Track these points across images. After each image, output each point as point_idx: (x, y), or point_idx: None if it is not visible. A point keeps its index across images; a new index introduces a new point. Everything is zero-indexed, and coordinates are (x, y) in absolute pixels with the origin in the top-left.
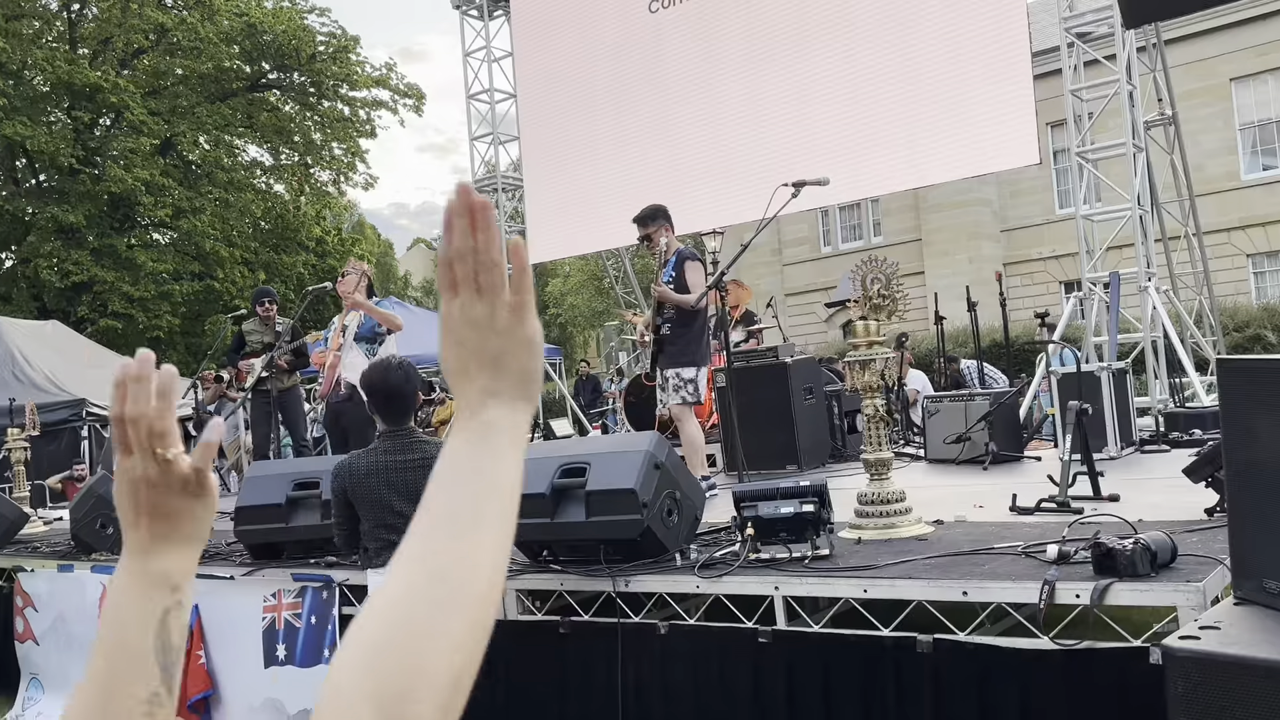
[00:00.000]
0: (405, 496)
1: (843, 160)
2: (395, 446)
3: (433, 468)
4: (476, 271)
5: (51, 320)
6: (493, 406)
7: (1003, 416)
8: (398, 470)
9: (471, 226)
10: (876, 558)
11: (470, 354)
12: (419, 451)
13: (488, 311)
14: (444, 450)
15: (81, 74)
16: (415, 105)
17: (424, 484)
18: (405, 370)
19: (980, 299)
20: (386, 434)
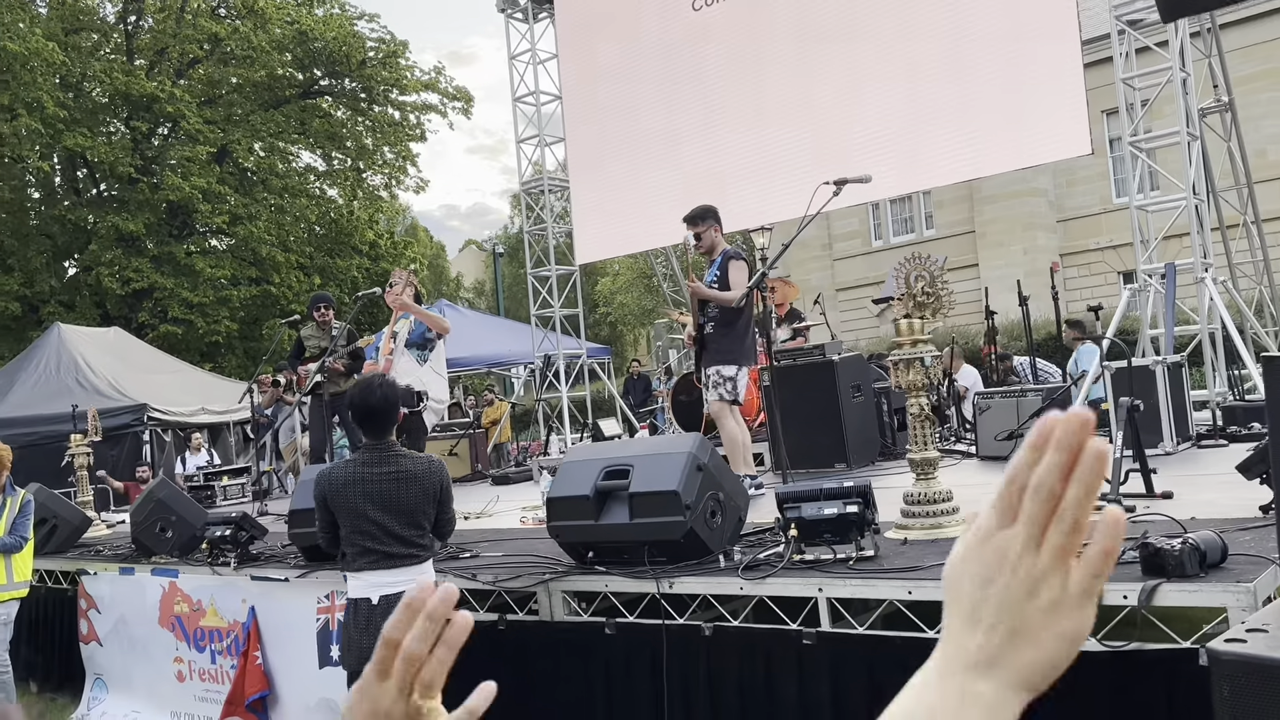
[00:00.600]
0: (380, 506)
1: (893, 153)
2: (373, 460)
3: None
4: (1049, 523)
5: (113, 327)
6: (984, 679)
7: None
8: (374, 482)
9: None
10: (922, 558)
11: (992, 604)
12: (395, 465)
13: (1039, 573)
14: (910, 696)
15: (139, 85)
16: (464, 108)
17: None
18: (386, 389)
19: (1035, 291)
20: (367, 447)
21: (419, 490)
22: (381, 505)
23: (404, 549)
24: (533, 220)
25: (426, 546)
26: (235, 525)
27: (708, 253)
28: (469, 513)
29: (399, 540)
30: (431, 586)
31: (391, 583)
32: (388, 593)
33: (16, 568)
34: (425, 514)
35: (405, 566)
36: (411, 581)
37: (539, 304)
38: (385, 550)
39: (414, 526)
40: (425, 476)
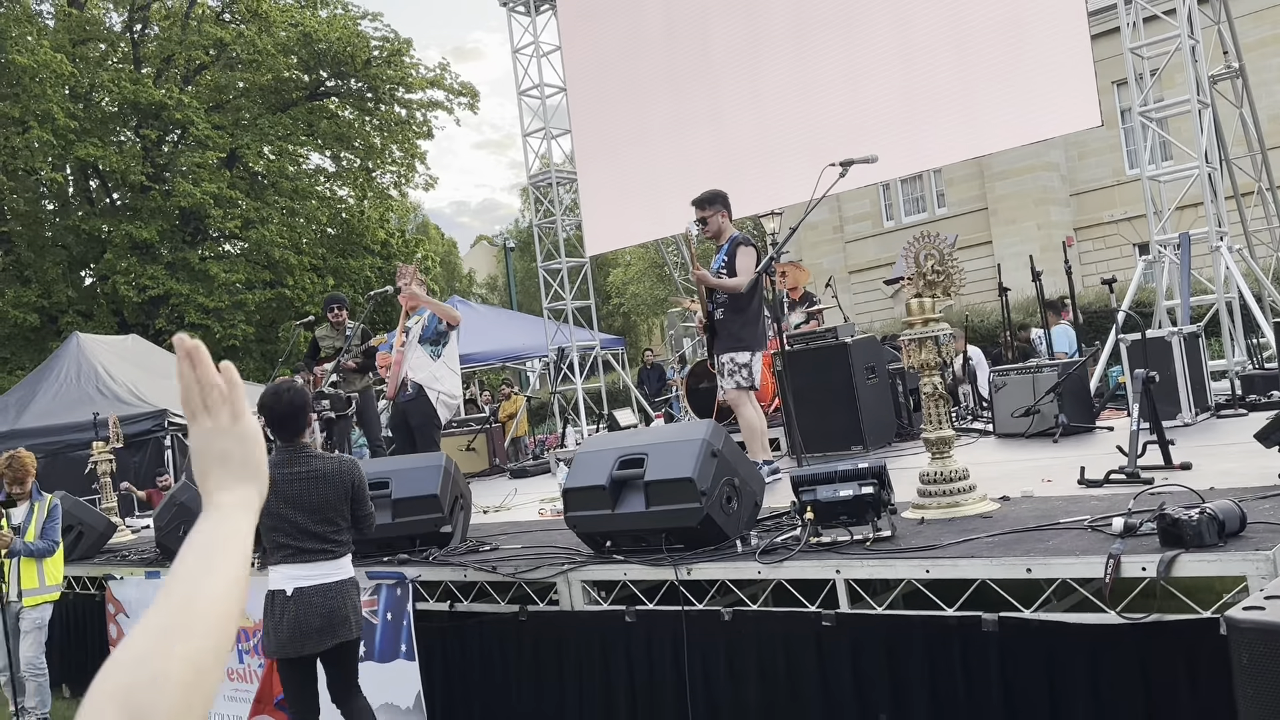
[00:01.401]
0: (291, 504)
1: (900, 132)
2: (285, 460)
3: (318, 480)
4: (203, 396)
5: (131, 334)
6: (222, 494)
7: (1072, 387)
8: (287, 481)
9: (191, 366)
10: (939, 537)
11: (208, 459)
12: (306, 465)
13: (214, 422)
14: (192, 531)
15: (147, 93)
16: (470, 103)
17: (308, 493)
18: (296, 394)
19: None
20: (280, 449)
21: (328, 489)
22: (293, 503)
23: (317, 544)
24: (542, 214)
25: (342, 542)
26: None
27: (714, 238)
28: (488, 507)
29: (312, 536)
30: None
31: (305, 576)
32: (302, 585)
33: (48, 572)
34: (338, 511)
35: (319, 561)
36: (325, 575)
37: (551, 297)
38: (298, 545)
39: (326, 523)
40: (335, 475)
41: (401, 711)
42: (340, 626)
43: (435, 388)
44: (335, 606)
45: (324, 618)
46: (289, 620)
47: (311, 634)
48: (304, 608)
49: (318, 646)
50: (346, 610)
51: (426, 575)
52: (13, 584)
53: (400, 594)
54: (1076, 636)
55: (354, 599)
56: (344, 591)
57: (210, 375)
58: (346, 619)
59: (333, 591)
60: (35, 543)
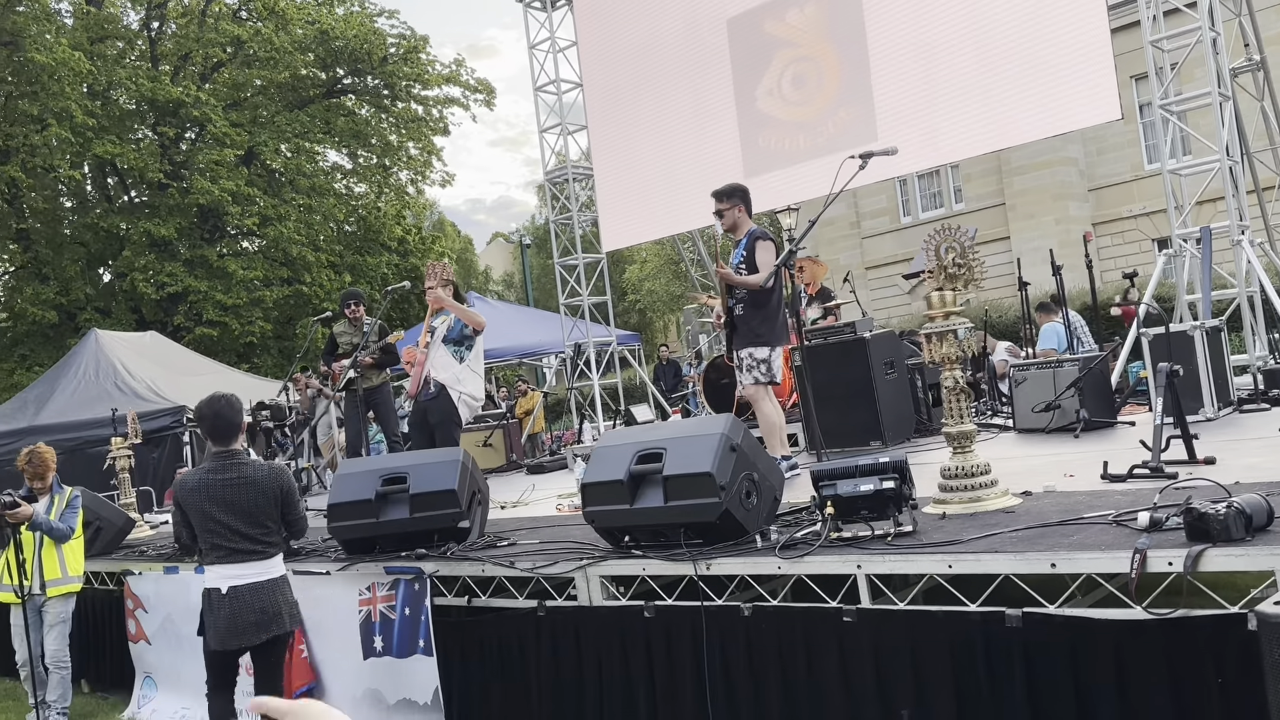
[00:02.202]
0: (224, 508)
1: (917, 127)
2: (219, 467)
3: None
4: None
5: (150, 331)
6: None
7: (1093, 382)
8: (218, 487)
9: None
10: (961, 532)
11: None
12: (237, 472)
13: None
14: None
15: (164, 90)
16: (486, 100)
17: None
18: (231, 402)
19: (1068, 261)
20: (214, 455)
21: (258, 493)
22: (225, 507)
23: (248, 545)
24: (558, 210)
25: (272, 543)
26: None
27: (730, 231)
28: (505, 502)
29: (243, 537)
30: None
31: (238, 575)
32: (235, 584)
33: (69, 561)
34: (268, 514)
35: (250, 561)
36: (258, 574)
37: (567, 293)
38: (231, 546)
39: (257, 526)
40: (264, 481)
41: (419, 707)
42: (274, 622)
43: (457, 388)
44: (268, 603)
45: (258, 614)
46: (225, 616)
47: (248, 629)
48: (239, 605)
49: (253, 640)
50: (280, 606)
51: (444, 570)
52: (35, 576)
53: (418, 589)
54: (1102, 632)
55: (286, 595)
56: (276, 589)
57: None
58: (280, 614)
59: (265, 589)
60: (55, 523)
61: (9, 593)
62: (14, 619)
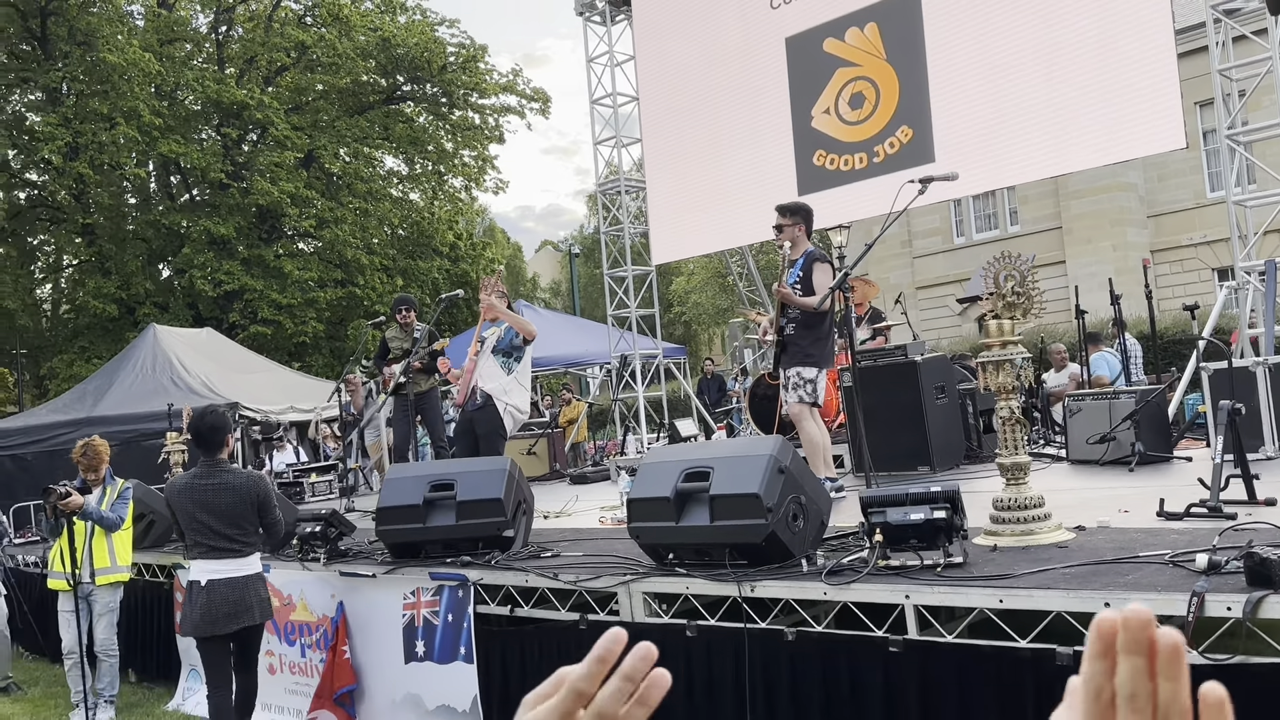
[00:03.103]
0: (205, 510)
1: (976, 149)
2: (205, 473)
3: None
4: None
5: (206, 327)
6: None
7: (1150, 414)
8: (201, 490)
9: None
10: (1013, 566)
11: None
12: (219, 479)
13: None
14: None
15: (229, 92)
16: (542, 108)
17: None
18: (219, 415)
19: (1125, 289)
20: (201, 462)
21: (236, 499)
22: (206, 509)
23: (226, 544)
24: (609, 221)
25: (249, 543)
26: (325, 522)
27: (791, 249)
28: (548, 512)
29: (222, 537)
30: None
31: (217, 570)
32: (214, 578)
33: (118, 551)
34: (245, 518)
35: (227, 558)
36: (234, 570)
37: (615, 304)
38: (210, 544)
39: (234, 527)
40: (242, 488)
41: (458, 714)
42: (244, 614)
43: (504, 399)
44: (240, 596)
45: (231, 605)
46: (200, 606)
47: (220, 618)
48: (214, 596)
49: (226, 628)
50: (250, 600)
51: (488, 579)
52: (85, 564)
53: (462, 596)
54: None
55: (259, 590)
56: (249, 584)
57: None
58: (250, 607)
59: (239, 584)
60: (105, 512)
61: (60, 580)
62: (63, 606)
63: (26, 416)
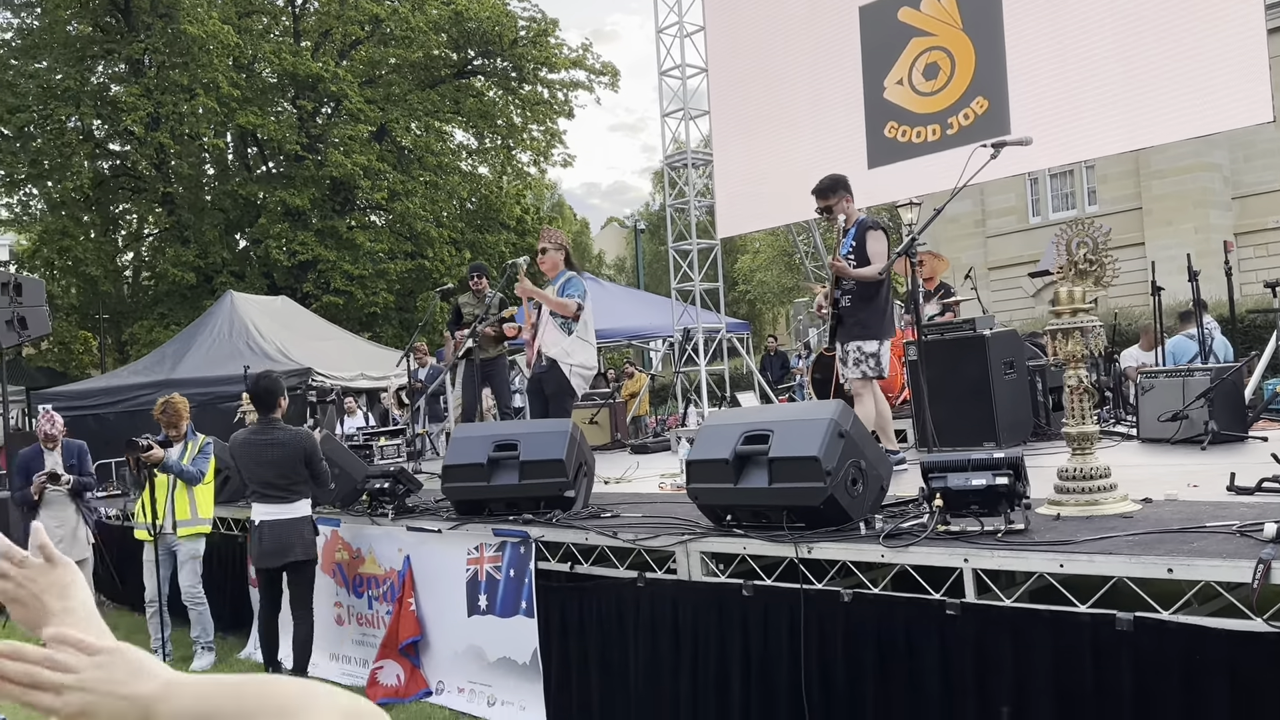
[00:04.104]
0: (259, 462)
1: (1053, 121)
2: (259, 430)
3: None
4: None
5: (281, 296)
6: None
7: (1225, 393)
8: (256, 445)
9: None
10: (1075, 534)
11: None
12: (271, 435)
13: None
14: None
15: (305, 65)
16: (610, 83)
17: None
18: (272, 379)
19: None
20: (258, 420)
21: (285, 453)
22: (260, 462)
23: (276, 491)
24: (675, 194)
25: (297, 492)
26: (393, 478)
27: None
28: (609, 478)
29: (272, 486)
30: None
31: (268, 513)
32: (266, 519)
33: (200, 504)
34: (294, 469)
35: (276, 503)
36: (280, 514)
37: (680, 278)
38: (263, 491)
39: (283, 477)
40: (290, 444)
41: (518, 666)
42: (288, 551)
43: (568, 361)
44: (284, 536)
45: (277, 543)
46: (255, 541)
47: (269, 554)
48: (265, 535)
49: (273, 563)
50: (294, 540)
51: (549, 536)
52: (167, 516)
53: (523, 552)
54: (1217, 642)
55: (303, 532)
56: (294, 526)
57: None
58: (293, 546)
59: (284, 526)
60: (187, 466)
61: (144, 530)
62: (146, 555)
63: (108, 378)
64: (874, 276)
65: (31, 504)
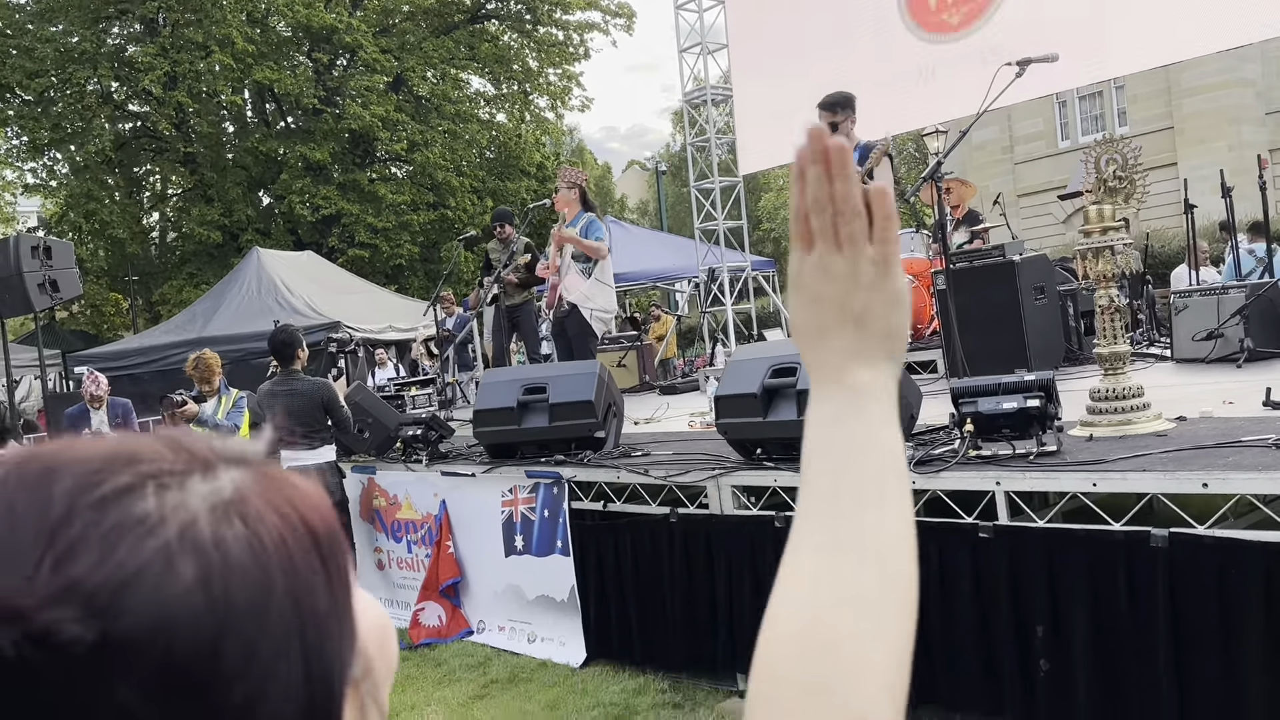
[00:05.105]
0: (282, 410)
1: (1080, 37)
2: (281, 381)
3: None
4: (836, 222)
5: (306, 251)
6: (859, 369)
7: (1261, 309)
8: (278, 395)
9: (827, 174)
10: (1108, 453)
11: (830, 312)
12: (291, 385)
13: (850, 265)
14: (813, 423)
15: (318, 17)
16: (626, 25)
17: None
18: (290, 333)
19: (1240, 188)
20: (279, 371)
21: (305, 402)
22: (283, 409)
23: (300, 438)
24: (695, 132)
25: (320, 437)
26: (426, 425)
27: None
28: (639, 418)
29: (295, 433)
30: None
31: (292, 459)
32: (292, 464)
33: None
34: (314, 416)
35: (300, 450)
36: (304, 460)
37: (703, 217)
38: (288, 439)
39: (304, 425)
40: (310, 393)
41: (556, 603)
42: None
43: (588, 305)
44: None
45: None
46: None
47: None
48: None
49: None
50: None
51: (581, 476)
52: None
53: (557, 493)
54: (1254, 555)
55: (326, 478)
56: (319, 470)
57: (854, 197)
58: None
59: (308, 470)
60: (222, 421)
61: None
62: None
63: (141, 338)
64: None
65: None
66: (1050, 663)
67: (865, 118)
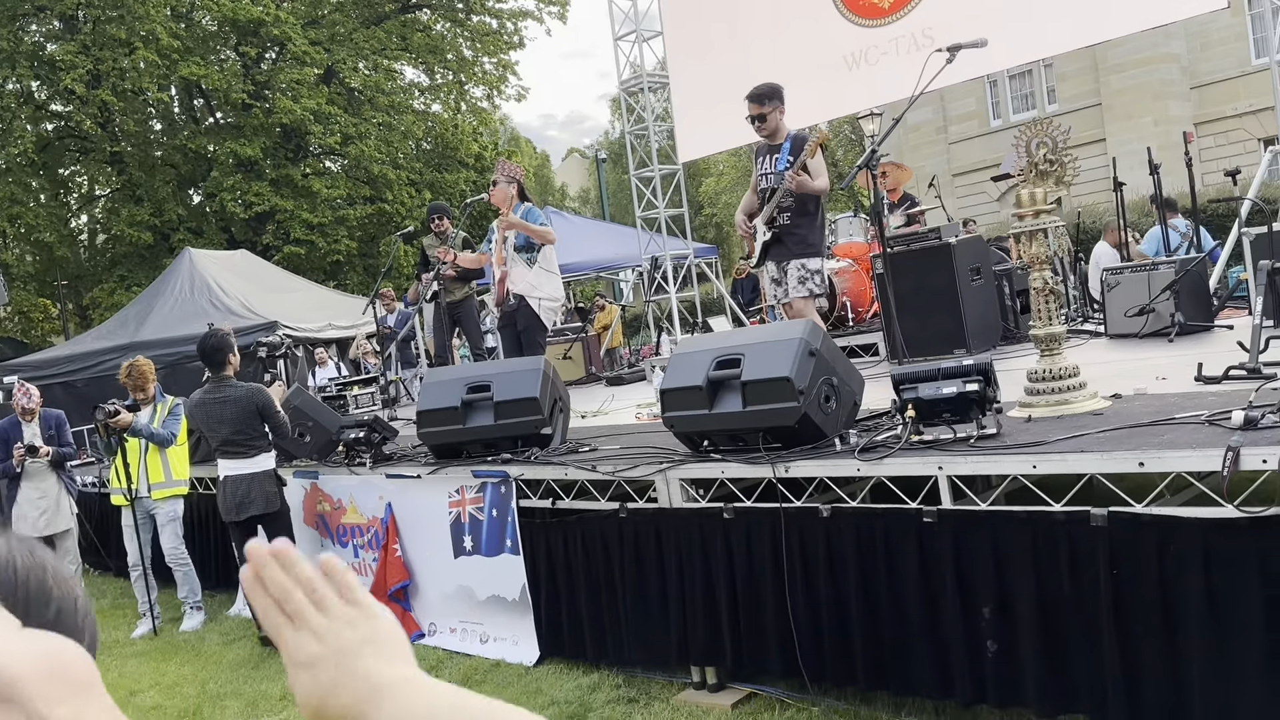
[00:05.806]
0: (215, 419)
1: (1007, 21)
2: (212, 389)
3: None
4: (312, 598)
5: (240, 250)
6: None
7: (1190, 284)
8: (210, 404)
9: (285, 567)
10: (1047, 434)
11: (331, 667)
12: (223, 393)
13: (332, 623)
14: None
15: (245, 10)
16: (560, 13)
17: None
18: (220, 337)
19: (1167, 163)
20: (209, 379)
21: (239, 409)
22: (216, 419)
23: (235, 447)
24: (633, 120)
25: (256, 446)
26: (368, 427)
27: (770, 136)
28: (585, 412)
29: (230, 441)
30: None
31: (230, 468)
32: (228, 474)
33: (174, 466)
34: (249, 424)
35: (237, 458)
36: (241, 469)
37: (644, 205)
38: (223, 447)
39: (240, 433)
40: (243, 400)
41: (508, 602)
42: (251, 505)
43: (535, 295)
44: (245, 490)
45: (239, 497)
46: (221, 496)
47: (232, 508)
48: (228, 489)
49: (237, 516)
50: (254, 494)
51: (529, 474)
52: (141, 479)
53: (504, 491)
54: (1190, 531)
55: (264, 485)
56: (254, 480)
57: (311, 574)
58: (255, 500)
59: (244, 480)
60: (157, 429)
61: (120, 496)
62: (125, 521)
63: (72, 345)
64: (825, 189)
65: (13, 476)
66: (997, 643)
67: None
